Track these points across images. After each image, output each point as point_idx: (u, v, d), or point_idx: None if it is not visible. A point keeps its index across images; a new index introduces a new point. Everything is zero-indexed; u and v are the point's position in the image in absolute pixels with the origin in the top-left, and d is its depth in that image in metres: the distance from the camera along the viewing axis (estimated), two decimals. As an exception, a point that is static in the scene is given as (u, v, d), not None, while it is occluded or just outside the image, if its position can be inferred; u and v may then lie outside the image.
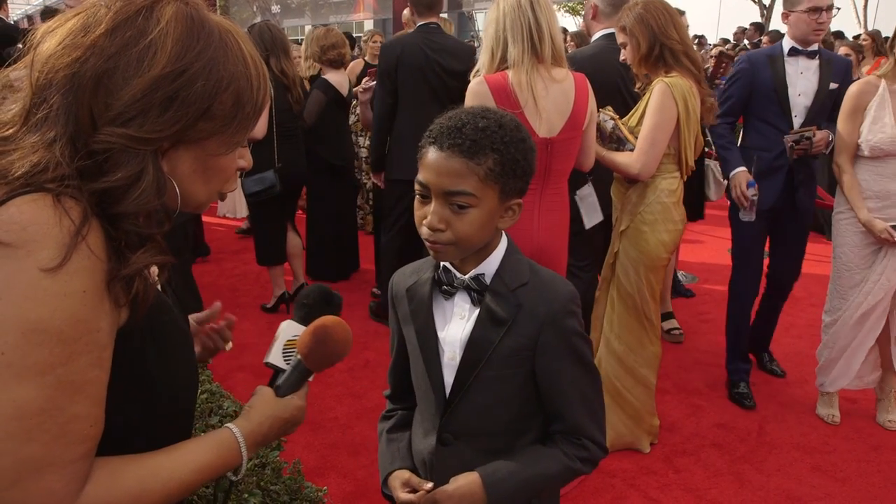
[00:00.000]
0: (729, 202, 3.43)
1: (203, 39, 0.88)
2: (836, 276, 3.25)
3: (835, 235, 3.28)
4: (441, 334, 1.33)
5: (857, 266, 3.14)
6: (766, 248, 3.57)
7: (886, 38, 9.52)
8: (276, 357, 1.14)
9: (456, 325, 1.31)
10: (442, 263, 1.33)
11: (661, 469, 2.94)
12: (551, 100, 2.35)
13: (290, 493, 1.70)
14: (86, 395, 0.82)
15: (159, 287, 1.00)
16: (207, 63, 0.88)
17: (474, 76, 2.45)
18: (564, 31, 8.22)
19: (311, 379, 1.13)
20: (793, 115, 3.26)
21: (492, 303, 1.28)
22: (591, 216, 3.06)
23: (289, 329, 1.16)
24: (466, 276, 1.30)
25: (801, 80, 3.25)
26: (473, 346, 1.29)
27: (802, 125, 3.25)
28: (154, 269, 0.97)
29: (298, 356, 1.11)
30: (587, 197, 3.12)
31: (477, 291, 1.29)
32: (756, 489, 2.82)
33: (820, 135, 3.21)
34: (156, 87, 0.84)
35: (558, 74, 2.38)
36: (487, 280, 1.30)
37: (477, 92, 2.36)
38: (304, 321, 1.16)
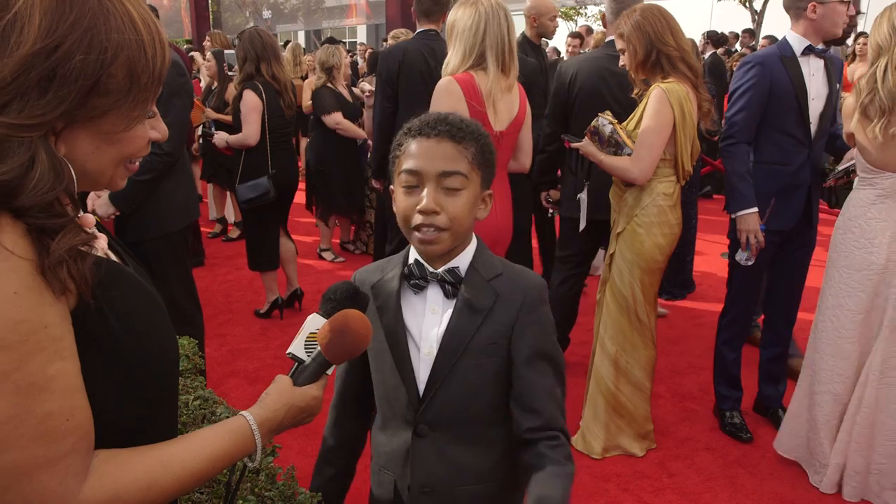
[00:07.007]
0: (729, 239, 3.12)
1: (77, 7, 0.79)
2: (820, 313, 2.80)
3: (833, 251, 2.78)
4: (413, 329, 1.35)
5: (850, 297, 2.68)
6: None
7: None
8: (297, 348, 1.15)
9: (430, 319, 1.35)
10: (413, 258, 1.37)
11: (654, 473, 2.95)
12: (504, 103, 2.68)
13: (284, 499, 1.69)
14: (52, 392, 0.79)
15: (111, 255, 0.95)
16: (85, 33, 0.78)
17: (444, 73, 2.66)
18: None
19: (330, 372, 1.14)
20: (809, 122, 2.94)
21: (469, 293, 1.33)
22: (583, 218, 3.19)
23: (313, 322, 1.17)
24: (441, 269, 1.35)
25: (813, 83, 2.95)
26: (452, 336, 1.32)
27: (816, 133, 2.96)
28: (102, 243, 0.94)
29: (318, 347, 1.12)
30: (582, 201, 3.18)
31: (452, 284, 1.34)
32: (749, 493, 2.82)
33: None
34: (28, 66, 0.76)
35: (510, 83, 2.69)
36: (462, 273, 1.35)
37: (450, 90, 2.57)
38: (329, 315, 1.17)
